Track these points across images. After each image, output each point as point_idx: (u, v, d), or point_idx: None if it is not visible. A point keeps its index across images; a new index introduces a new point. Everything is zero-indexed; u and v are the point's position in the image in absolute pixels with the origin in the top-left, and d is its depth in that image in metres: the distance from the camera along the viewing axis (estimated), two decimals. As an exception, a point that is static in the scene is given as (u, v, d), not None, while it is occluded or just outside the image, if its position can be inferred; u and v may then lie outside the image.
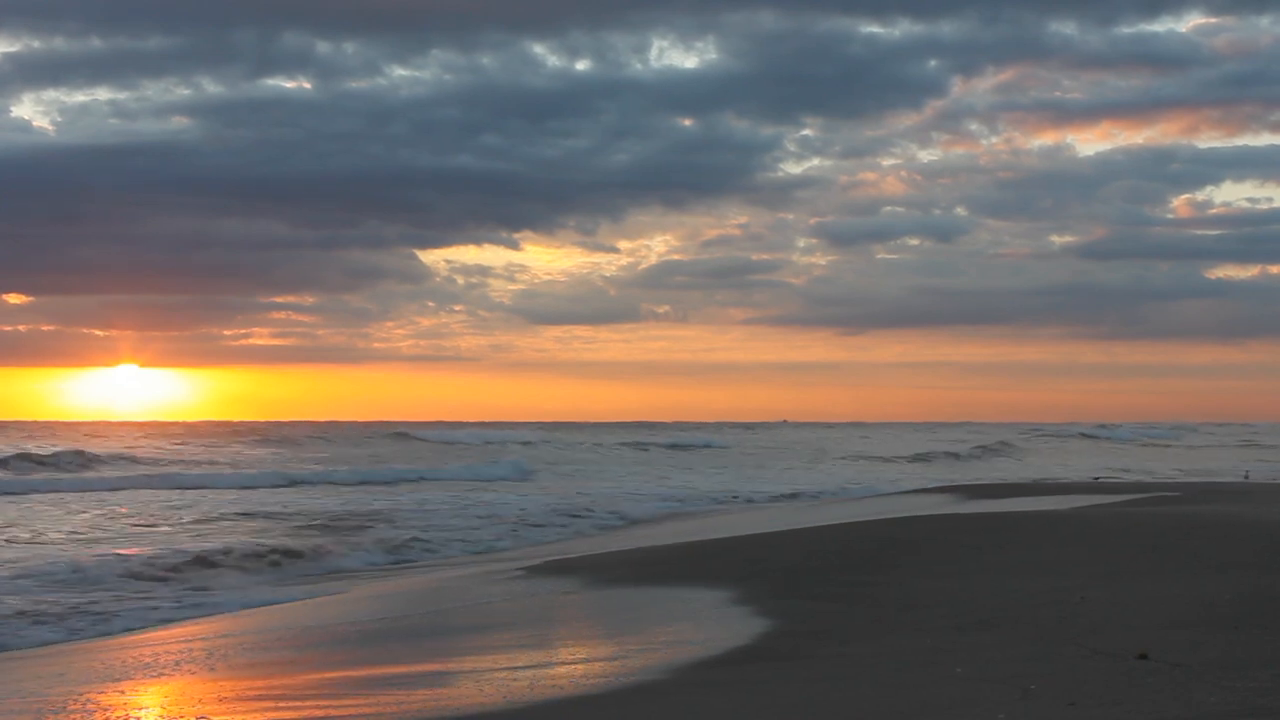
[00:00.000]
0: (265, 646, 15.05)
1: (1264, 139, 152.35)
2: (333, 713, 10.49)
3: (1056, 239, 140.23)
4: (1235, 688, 9.53)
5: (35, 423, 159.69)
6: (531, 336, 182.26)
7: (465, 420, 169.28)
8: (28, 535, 32.08)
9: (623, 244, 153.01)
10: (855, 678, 10.92)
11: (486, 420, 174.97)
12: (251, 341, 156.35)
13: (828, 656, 12.07)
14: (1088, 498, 30.15)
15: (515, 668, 12.25)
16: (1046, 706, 9.25)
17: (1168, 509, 25.18)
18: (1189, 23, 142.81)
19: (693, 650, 12.96)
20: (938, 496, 34.58)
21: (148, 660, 14.44)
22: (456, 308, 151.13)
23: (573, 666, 12.53)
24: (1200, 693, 9.42)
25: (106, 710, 10.92)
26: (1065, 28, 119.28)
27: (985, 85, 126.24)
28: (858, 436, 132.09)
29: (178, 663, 14.01)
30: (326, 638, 15.56)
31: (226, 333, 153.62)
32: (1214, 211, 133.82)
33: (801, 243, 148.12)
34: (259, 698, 11.40)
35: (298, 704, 10.95)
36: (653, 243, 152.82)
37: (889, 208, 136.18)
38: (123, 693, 12.11)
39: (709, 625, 14.76)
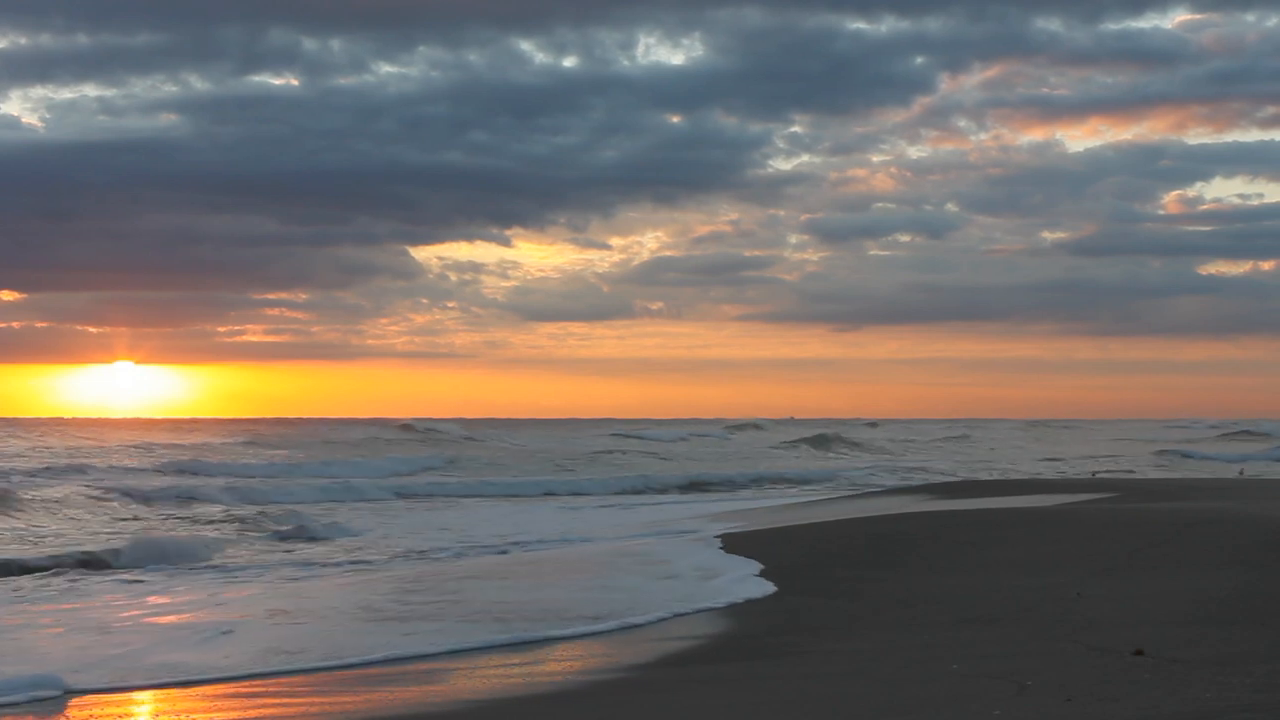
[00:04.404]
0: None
1: (1253, 135, 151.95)
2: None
3: (1048, 235, 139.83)
4: (1232, 683, 9.51)
5: (32, 420, 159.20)
6: (525, 333, 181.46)
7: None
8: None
9: (614, 240, 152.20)
10: (851, 673, 10.89)
11: (479, 416, 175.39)
12: (245, 338, 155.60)
13: (824, 652, 12.04)
14: (1070, 496, 30.02)
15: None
16: (1043, 702, 9.22)
17: (1160, 506, 25.09)
18: (1175, 19, 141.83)
19: (687, 644, 12.93)
20: (908, 497, 34.28)
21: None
22: (450, 304, 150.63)
23: (567, 664, 12.50)
24: (1197, 688, 9.40)
25: (104, 707, 10.87)
26: (1051, 24, 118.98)
27: (973, 82, 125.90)
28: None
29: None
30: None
31: (220, 329, 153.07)
32: (1204, 208, 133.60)
33: (793, 239, 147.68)
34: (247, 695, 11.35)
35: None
36: (644, 239, 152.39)
37: (880, 204, 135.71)
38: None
39: (705, 620, 14.73)
